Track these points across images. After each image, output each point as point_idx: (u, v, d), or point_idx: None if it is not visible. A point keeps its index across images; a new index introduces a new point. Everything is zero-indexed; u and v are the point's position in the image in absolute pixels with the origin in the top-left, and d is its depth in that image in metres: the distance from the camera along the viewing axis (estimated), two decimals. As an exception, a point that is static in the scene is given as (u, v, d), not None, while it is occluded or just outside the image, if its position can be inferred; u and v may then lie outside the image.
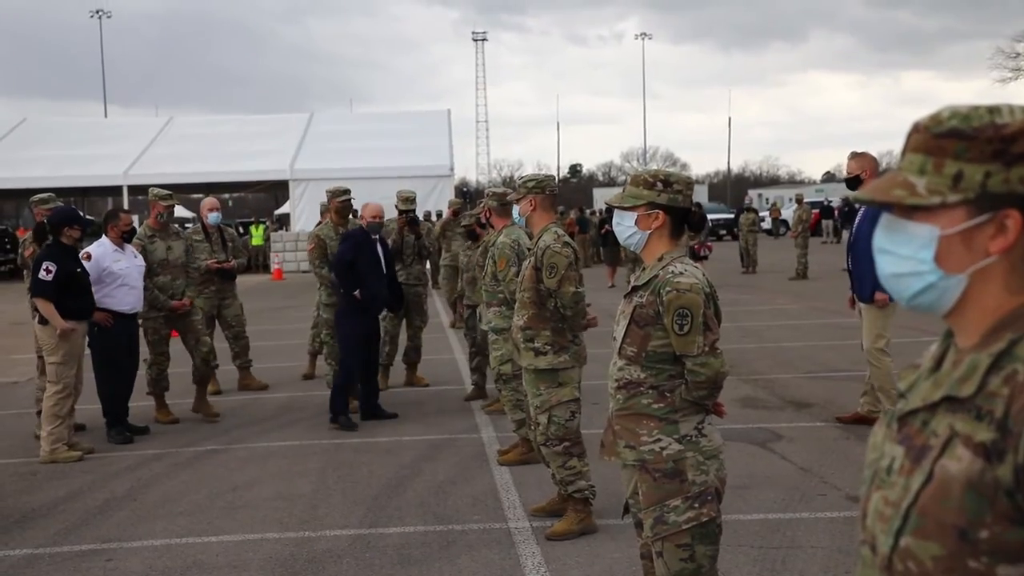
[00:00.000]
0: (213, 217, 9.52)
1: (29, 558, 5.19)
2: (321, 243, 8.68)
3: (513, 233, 6.58)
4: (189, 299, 8.49)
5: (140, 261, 7.91)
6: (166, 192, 8.60)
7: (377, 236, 8.20)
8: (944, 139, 1.27)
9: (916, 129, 1.32)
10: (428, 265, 10.90)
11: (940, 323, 1.37)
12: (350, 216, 9.05)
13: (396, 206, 9.89)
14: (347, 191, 8.94)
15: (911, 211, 1.30)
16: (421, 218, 11.74)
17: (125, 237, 7.83)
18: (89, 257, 7.52)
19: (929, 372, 1.33)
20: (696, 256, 19.24)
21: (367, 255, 8.05)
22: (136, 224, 8.79)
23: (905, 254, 1.31)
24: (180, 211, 50.32)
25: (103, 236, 7.79)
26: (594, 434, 5.06)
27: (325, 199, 9.33)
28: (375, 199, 9.45)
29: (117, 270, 7.62)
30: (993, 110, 1.26)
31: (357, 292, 7.98)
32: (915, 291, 1.32)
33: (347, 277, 8.02)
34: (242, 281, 27.05)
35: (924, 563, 1.20)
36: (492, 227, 7.19)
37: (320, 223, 9.26)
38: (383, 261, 8.19)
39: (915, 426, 1.29)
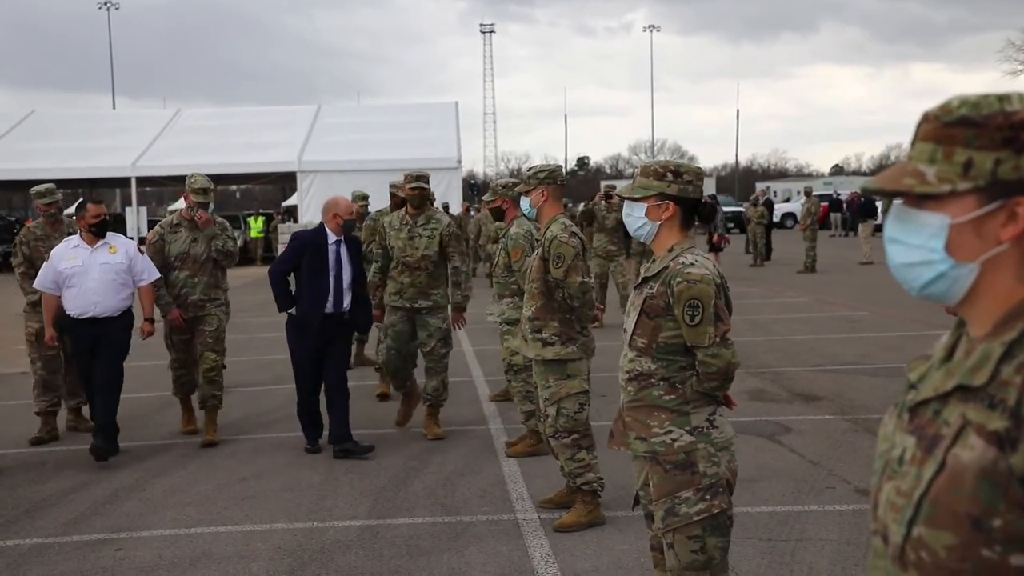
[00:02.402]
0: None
1: (39, 547, 5.21)
2: (371, 229, 8.17)
3: (524, 224, 6.54)
4: (181, 315, 7.41)
5: (115, 259, 6.86)
6: (200, 186, 7.61)
7: (341, 239, 6.83)
8: (954, 127, 1.27)
9: (926, 118, 1.31)
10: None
11: (946, 315, 1.36)
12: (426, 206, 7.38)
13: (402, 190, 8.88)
14: (419, 176, 7.36)
15: (921, 200, 1.29)
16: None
17: (94, 231, 6.86)
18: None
19: (941, 362, 1.33)
20: (716, 248, 19.19)
21: (313, 263, 6.74)
22: (142, 216, 8.54)
23: (916, 243, 1.31)
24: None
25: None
26: (603, 426, 5.06)
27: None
28: (383, 191, 9.28)
29: (62, 269, 6.78)
30: (1003, 98, 1.25)
31: (293, 310, 6.85)
32: (926, 280, 1.31)
33: (281, 290, 6.87)
34: (249, 272, 27.01)
35: (937, 553, 1.20)
36: (497, 219, 7.17)
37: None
38: (342, 270, 6.80)
39: (927, 416, 1.29)
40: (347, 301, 6.84)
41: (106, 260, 6.82)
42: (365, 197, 10.58)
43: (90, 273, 6.77)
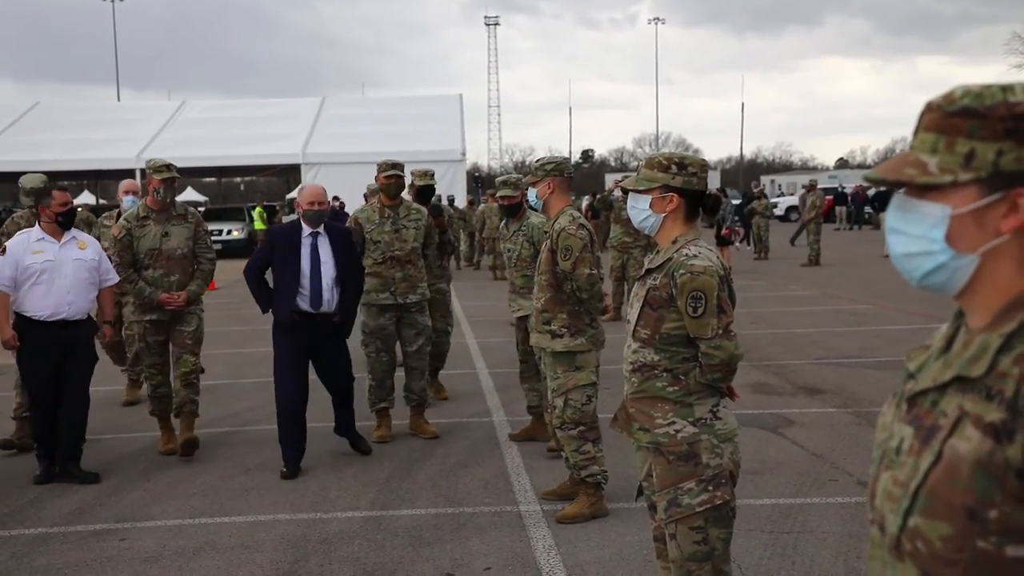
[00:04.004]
0: (128, 201, 7.99)
1: (43, 537, 5.23)
2: (356, 227, 6.98)
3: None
4: (184, 294, 6.68)
5: (88, 254, 6.25)
6: (162, 162, 6.77)
7: (319, 231, 6.25)
8: (956, 117, 1.26)
9: (929, 108, 1.31)
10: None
11: (950, 308, 1.36)
12: (400, 197, 7.13)
13: (413, 183, 8.17)
14: (395, 165, 7.05)
15: (923, 190, 1.29)
16: (444, 202, 9.09)
17: (60, 222, 6.18)
18: (4, 251, 6.08)
19: (939, 353, 1.33)
20: (727, 241, 19.18)
21: (284, 257, 6.17)
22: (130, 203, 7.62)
23: (916, 233, 1.31)
24: (192, 194, 50.45)
25: (37, 223, 6.31)
26: (608, 419, 5.07)
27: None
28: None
29: (30, 264, 6.03)
30: (1006, 88, 1.25)
31: (271, 310, 6.30)
32: (926, 271, 1.31)
33: (258, 289, 6.27)
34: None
35: (933, 543, 1.21)
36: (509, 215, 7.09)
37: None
38: (320, 265, 6.20)
39: (925, 406, 1.29)
40: (330, 299, 6.24)
41: (79, 256, 6.20)
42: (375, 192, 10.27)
43: (62, 270, 6.10)
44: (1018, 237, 1.25)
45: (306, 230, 6.24)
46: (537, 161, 5.62)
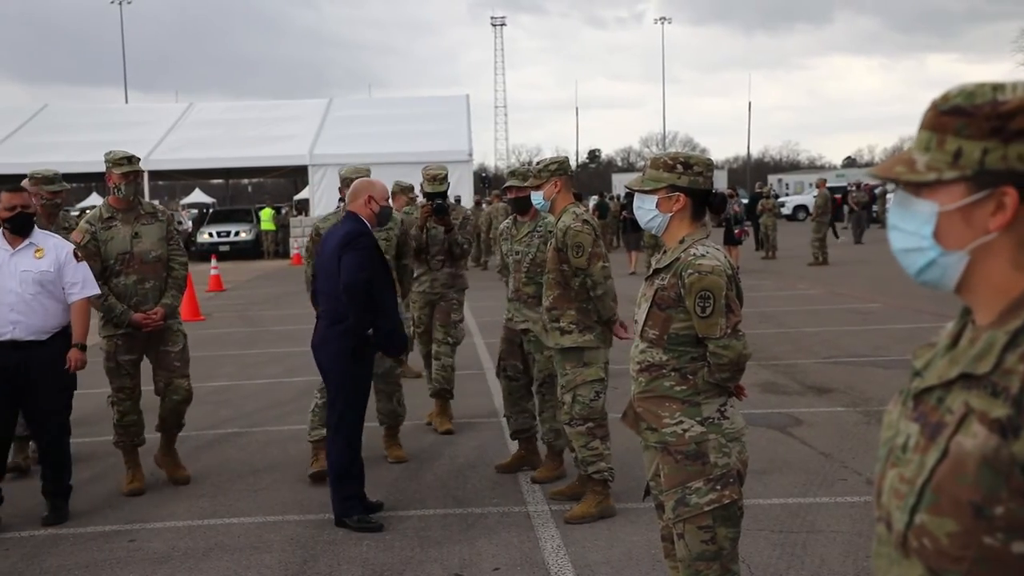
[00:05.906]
0: None
1: (53, 538, 5.25)
2: (316, 237, 6.26)
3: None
4: (161, 310, 5.96)
5: (40, 265, 5.34)
6: (122, 155, 5.93)
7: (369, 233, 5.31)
8: (947, 116, 1.29)
9: (930, 106, 1.34)
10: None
11: (959, 306, 1.37)
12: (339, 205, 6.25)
13: (422, 187, 7.70)
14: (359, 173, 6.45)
15: (918, 188, 1.32)
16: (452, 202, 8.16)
17: (9, 227, 5.32)
18: None
19: (945, 349, 1.34)
20: (737, 241, 19.17)
21: (382, 265, 5.29)
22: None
23: (910, 230, 1.34)
24: (199, 196, 50.39)
25: None
26: (615, 418, 5.07)
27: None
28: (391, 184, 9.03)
29: None
30: (997, 87, 1.27)
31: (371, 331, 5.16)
32: (919, 267, 1.34)
33: (365, 306, 5.08)
34: (259, 266, 26.84)
35: (939, 540, 1.21)
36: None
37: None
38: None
39: (931, 403, 1.30)
40: None
41: (28, 267, 5.32)
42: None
43: (6, 283, 5.27)
44: (1008, 235, 1.26)
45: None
46: (538, 163, 5.60)
